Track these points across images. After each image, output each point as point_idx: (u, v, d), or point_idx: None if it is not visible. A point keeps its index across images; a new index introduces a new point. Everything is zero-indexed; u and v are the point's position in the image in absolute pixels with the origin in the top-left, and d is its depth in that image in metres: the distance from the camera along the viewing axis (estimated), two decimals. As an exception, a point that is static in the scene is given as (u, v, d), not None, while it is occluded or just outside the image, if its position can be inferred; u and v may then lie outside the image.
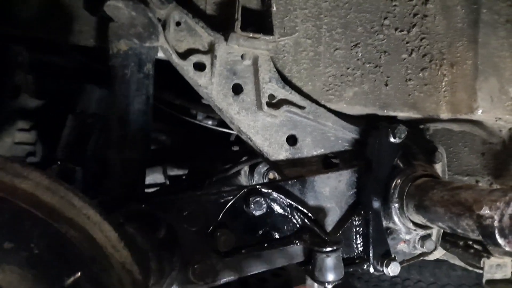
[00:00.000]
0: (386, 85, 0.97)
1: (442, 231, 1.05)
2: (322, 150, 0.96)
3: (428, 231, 1.01)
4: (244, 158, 1.36)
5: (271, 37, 0.88)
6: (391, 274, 0.89)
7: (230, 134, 1.64)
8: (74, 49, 1.17)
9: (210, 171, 1.38)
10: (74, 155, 0.68)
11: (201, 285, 0.78)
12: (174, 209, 0.77)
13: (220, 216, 0.79)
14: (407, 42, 0.98)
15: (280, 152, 0.93)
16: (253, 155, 1.41)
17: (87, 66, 1.19)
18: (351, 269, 0.90)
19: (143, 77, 0.88)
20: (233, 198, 0.80)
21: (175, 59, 0.86)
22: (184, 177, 1.52)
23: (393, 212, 0.92)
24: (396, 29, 0.97)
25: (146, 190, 0.97)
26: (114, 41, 0.86)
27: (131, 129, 0.87)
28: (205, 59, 0.88)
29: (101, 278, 0.41)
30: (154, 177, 1.44)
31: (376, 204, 0.91)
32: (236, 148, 1.60)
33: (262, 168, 1.39)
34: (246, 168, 1.41)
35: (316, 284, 0.83)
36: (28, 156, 1.14)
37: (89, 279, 0.41)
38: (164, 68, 0.98)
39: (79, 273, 0.40)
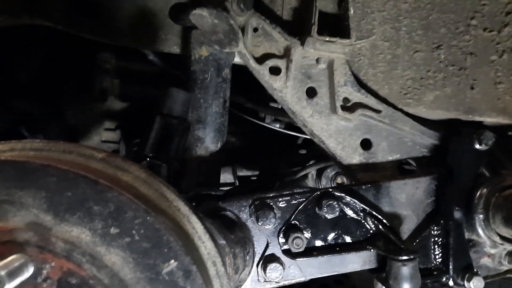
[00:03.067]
0: (472, 88, 0.92)
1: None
2: (398, 156, 0.93)
3: (517, 247, 0.93)
4: (312, 162, 1.36)
5: (347, 40, 0.88)
6: (474, 290, 0.83)
7: (298, 137, 1.64)
8: (157, 56, 1.26)
9: (279, 173, 1.39)
10: (160, 153, 0.74)
11: (272, 283, 0.79)
12: (248, 209, 0.80)
13: (292, 217, 0.80)
14: (498, 43, 0.91)
15: (353, 156, 0.92)
16: (321, 159, 1.40)
17: (167, 72, 1.28)
18: (428, 281, 0.85)
19: (221, 81, 0.93)
20: (305, 200, 0.81)
21: (252, 64, 0.89)
22: (252, 178, 1.55)
23: (477, 224, 0.86)
24: (484, 29, 0.91)
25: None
26: (196, 48, 0.91)
27: (208, 131, 0.92)
28: (281, 63, 0.90)
29: (192, 269, 0.44)
30: (224, 177, 1.49)
31: (457, 214, 0.86)
32: (303, 152, 1.61)
33: (330, 172, 1.38)
34: (313, 172, 1.40)
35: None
36: (113, 154, 1.25)
37: (181, 268, 0.44)
38: (236, 73, 1.02)
39: (175, 262, 0.43)
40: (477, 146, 0.87)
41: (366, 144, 0.92)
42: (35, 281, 0.41)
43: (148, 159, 0.71)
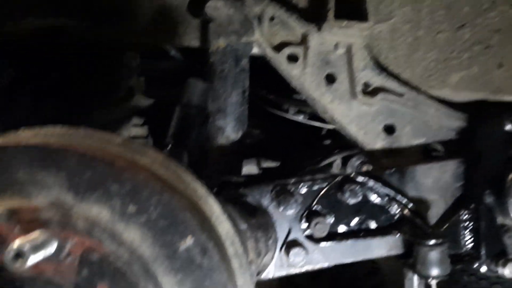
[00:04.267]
0: (500, 67, 0.88)
1: None
2: (423, 140, 0.90)
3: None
4: (336, 151, 1.34)
5: (366, 24, 0.86)
6: (510, 276, 0.79)
7: (322, 128, 1.63)
8: (179, 52, 1.28)
9: (302, 163, 1.39)
10: (181, 142, 0.75)
11: (295, 268, 0.79)
12: (269, 195, 0.80)
13: (313, 203, 0.80)
14: (526, 17, 0.87)
15: (376, 141, 0.90)
16: (346, 148, 1.38)
17: (189, 67, 1.30)
18: (459, 266, 0.82)
19: (239, 72, 0.94)
20: (327, 186, 0.80)
21: (269, 53, 0.89)
22: (275, 169, 1.55)
23: (510, 208, 0.82)
24: (512, 5, 0.87)
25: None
26: (213, 39, 0.93)
27: (229, 120, 0.93)
28: (298, 51, 0.89)
29: (209, 246, 0.45)
30: (249, 169, 1.50)
31: (488, 198, 0.82)
32: (327, 142, 1.59)
33: (356, 161, 1.35)
34: (338, 161, 1.38)
35: (415, 279, 0.78)
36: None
37: (198, 245, 0.45)
38: (259, 67, 1.02)
39: (192, 239, 0.44)
40: (507, 128, 0.83)
41: (389, 129, 0.90)
42: (58, 257, 0.43)
43: (169, 146, 0.73)
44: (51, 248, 0.42)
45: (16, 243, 0.38)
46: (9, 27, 0.87)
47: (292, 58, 0.90)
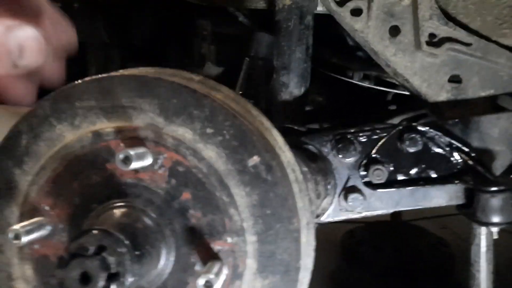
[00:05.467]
0: None
1: None
2: (492, 91, 0.87)
3: None
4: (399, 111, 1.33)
5: (433, -29, 0.85)
6: None
7: (388, 93, 1.61)
8: (246, 17, 1.35)
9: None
10: (248, 92, 0.83)
11: (353, 213, 0.84)
12: (329, 143, 0.85)
13: (372, 151, 0.83)
14: None
15: (440, 93, 0.89)
16: (410, 111, 1.36)
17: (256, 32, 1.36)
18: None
19: (304, 28, 0.98)
20: (387, 135, 0.83)
21: (333, 7, 0.92)
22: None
23: None
24: None
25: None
26: (280, -2, 0.98)
27: (292, 76, 0.98)
28: (362, 4, 0.91)
29: (272, 164, 0.52)
30: (311, 130, 1.55)
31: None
32: (393, 107, 1.57)
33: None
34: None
35: (483, 233, 0.79)
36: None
37: (263, 163, 0.52)
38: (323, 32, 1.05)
39: (258, 158, 0.52)
40: None
41: (455, 80, 0.89)
42: (153, 168, 0.53)
43: (238, 95, 0.81)
44: (148, 160, 0.52)
45: (124, 151, 0.48)
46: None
47: (356, 12, 0.91)
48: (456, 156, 0.81)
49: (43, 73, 0.53)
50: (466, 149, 0.81)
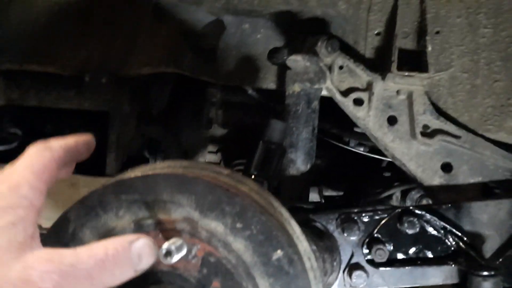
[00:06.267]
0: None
1: None
2: (479, 178, 0.97)
3: None
4: (396, 184, 1.42)
5: (426, 74, 0.97)
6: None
7: (382, 160, 1.71)
8: (255, 90, 1.47)
9: (363, 193, 1.48)
10: (262, 172, 0.91)
11: (357, 289, 0.90)
12: (335, 221, 0.92)
13: (374, 231, 0.91)
14: None
15: (434, 178, 0.99)
16: (406, 181, 1.46)
17: (263, 104, 1.48)
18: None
19: (310, 112, 1.09)
20: (387, 216, 0.91)
21: (338, 97, 1.03)
22: (338, 197, 1.65)
23: None
24: None
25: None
26: (289, 84, 1.09)
27: (299, 154, 1.07)
28: (363, 95, 1.02)
29: (294, 257, 0.59)
30: (311, 197, 1.62)
31: (544, 237, 0.88)
32: (387, 174, 1.67)
33: (415, 194, 1.42)
34: (398, 194, 1.46)
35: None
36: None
37: (286, 256, 0.59)
38: (323, 102, 1.16)
39: (281, 252, 0.59)
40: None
41: (446, 167, 0.99)
42: (187, 258, 0.59)
43: (253, 176, 0.89)
44: (184, 251, 0.58)
45: (166, 244, 0.55)
46: (130, 74, 1.11)
47: (358, 102, 1.03)
48: (450, 239, 0.89)
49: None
50: (459, 233, 0.89)
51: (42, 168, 0.48)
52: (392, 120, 1.01)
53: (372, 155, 1.62)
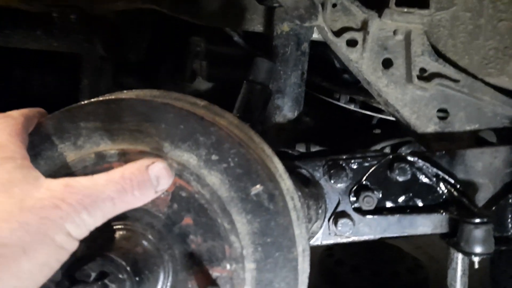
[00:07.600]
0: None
1: None
2: (476, 126, 0.92)
3: None
4: (386, 138, 1.37)
5: (426, 11, 0.89)
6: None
7: (372, 117, 1.66)
8: (241, 38, 1.37)
9: (352, 148, 1.44)
10: (245, 115, 0.84)
11: (342, 238, 0.86)
12: (321, 168, 0.87)
13: (363, 178, 0.85)
14: None
15: (428, 125, 0.93)
16: (396, 136, 1.41)
17: (250, 53, 1.39)
18: (503, 248, 0.85)
19: (300, 55, 1.01)
20: (377, 163, 0.86)
21: (330, 37, 0.95)
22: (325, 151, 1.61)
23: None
24: None
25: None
26: (278, 24, 1.00)
27: (287, 100, 1.00)
28: (358, 35, 0.94)
29: (275, 193, 0.53)
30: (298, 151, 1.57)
31: (539, 186, 0.84)
32: (377, 131, 1.62)
33: (406, 150, 1.38)
34: (388, 150, 1.42)
35: (459, 258, 0.82)
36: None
37: (266, 191, 0.53)
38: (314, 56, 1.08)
39: (261, 186, 0.53)
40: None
41: (442, 114, 0.93)
42: (156, 191, 0.53)
43: (235, 119, 0.82)
44: (151, 184, 0.52)
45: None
46: (101, 10, 1.01)
47: (351, 43, 0.95)
48: (442, 187, 0.85)
49: None
50: (452, 181, 0.84)
51: (14, 131, 0.50)
52: (387, 63, 0.94)
53: (363, 111, 1.57)
